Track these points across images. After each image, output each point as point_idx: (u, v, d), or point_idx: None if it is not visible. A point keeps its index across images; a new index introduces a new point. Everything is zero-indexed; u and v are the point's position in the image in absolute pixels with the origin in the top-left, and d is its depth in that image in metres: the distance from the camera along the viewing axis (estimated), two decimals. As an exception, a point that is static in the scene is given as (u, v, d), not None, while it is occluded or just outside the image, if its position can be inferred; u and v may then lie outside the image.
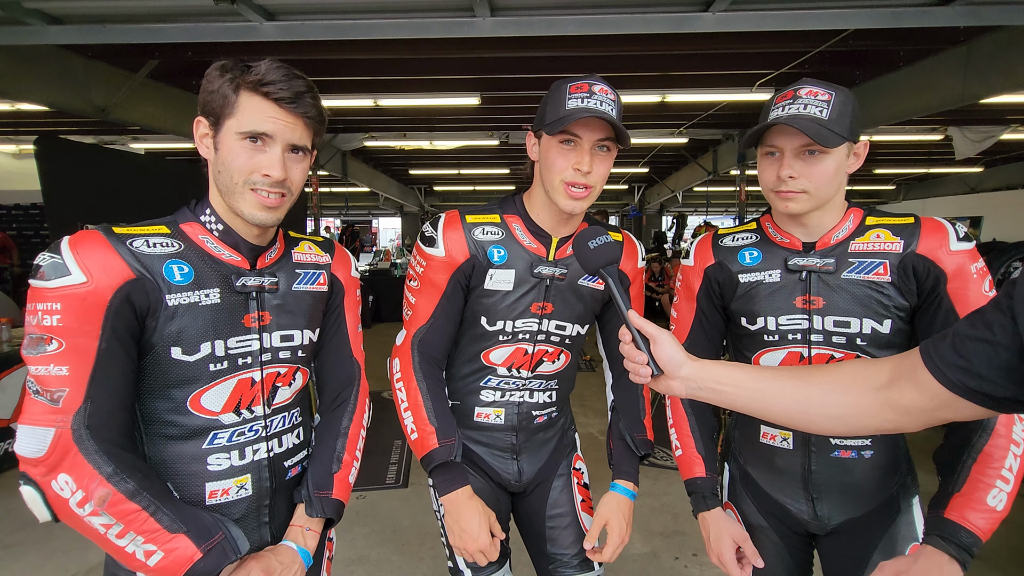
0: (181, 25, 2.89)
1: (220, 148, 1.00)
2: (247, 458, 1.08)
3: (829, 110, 1.07)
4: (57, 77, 4.50)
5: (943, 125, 7.10)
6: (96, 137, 7.58)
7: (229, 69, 0.98)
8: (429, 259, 1.28)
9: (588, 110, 1.12)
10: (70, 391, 0.89)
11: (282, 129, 0.99)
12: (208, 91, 0.99)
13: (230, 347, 1.04)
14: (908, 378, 0.78)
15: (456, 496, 1.22)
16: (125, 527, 0.89)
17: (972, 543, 1.00)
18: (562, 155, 1.17)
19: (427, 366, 1.29)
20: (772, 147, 1.13)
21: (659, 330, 0.95)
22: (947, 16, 2.65)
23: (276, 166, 0.99)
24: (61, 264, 0.90)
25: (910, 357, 0.79)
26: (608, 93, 1.16)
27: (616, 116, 1.16)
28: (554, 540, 1.41)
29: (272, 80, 0.97)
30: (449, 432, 1.23)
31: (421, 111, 6.78)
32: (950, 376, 0.72)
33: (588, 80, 1.16)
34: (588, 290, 1.34)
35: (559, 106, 1.16)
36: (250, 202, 1.00)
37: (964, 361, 0.71)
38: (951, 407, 0.74)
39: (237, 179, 0.99)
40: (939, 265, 1.10)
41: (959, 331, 0.73)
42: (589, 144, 1.17)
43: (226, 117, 0.98)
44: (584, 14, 2.80)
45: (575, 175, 1.17)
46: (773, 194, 1.15)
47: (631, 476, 1.34)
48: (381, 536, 3.01)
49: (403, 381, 1.28)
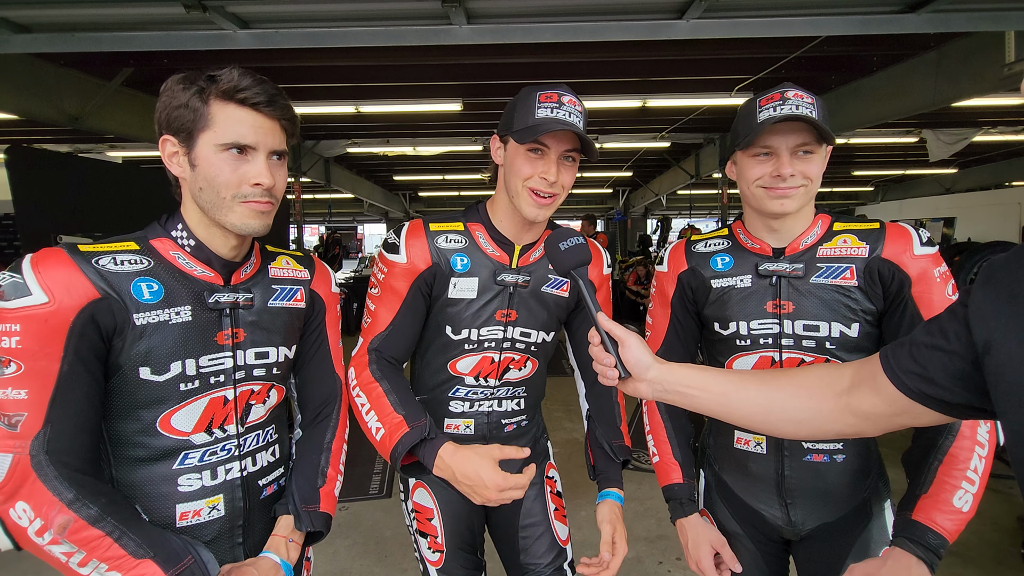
0: (153, 33, 2.85)
1: (198, 164, 0.97)
2: (219, 478, 1.06)
3: (816, 111, 1.09)
4: (27, 85, 4.42)
5: (918, 128, 7.26)
6: (72, 145, 7.46)
7: (193, 81, 0.96)
8: (391, 266, 1.26)
9: (559, 121, 1.14)
10: (29, 415, 0.87)
11: (263, 136, 0.98)
12: (173, 107, 0.96)
13: (202, 365, 1.01)
14: (868, 384, 0.79)
15: (442, 461, 1.10)
16: (88, 554, 0.87)
17: (939, 544, 1.02)
18: (529, 163, 1.18)
19: (385, 366, 1.25)
20: (766, 147, 1.13)
21: (627, 333, 0.96)
22: (915, 23, 2.71)
23: (265, 174, 0.98)
24: (22, 284, 0.87)
25: (870, 363, 0.80)
26: (576, 104, 1.18)
27: (582, 127, 1.17)
28: (527, 550, 1.41)
29: (245, 86, 0.95)
30: (418, 415, 1.15)
31: (404, 117, 6.77)
32: (907, 383, 0.73)
33: (557, 90, 1.17)
34: (552, 297, 1.34)
35: (528, 114, 1.16)
36: (240, 213, 0.98)
37: (921, 368, 0.72)
38: (909, 413, 0.75)
39: (225, 194, 0.97)
40: (903, 269, 1.12)
41: (916, 339, 0.75)
42: (556, 154, 1.18)
43: (200, 131, 0.96)
44: (560, 22, 2.81)
45: (541, 183, 1.18)
46: (765, 192, 1.14)
47: (618, 482, 1.34)
48: (364, 548, 2.98)
49: (359, 386, 1.22)
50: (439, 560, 1.36)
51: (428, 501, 1.37)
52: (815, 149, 1.12)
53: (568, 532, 1.46)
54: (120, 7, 2.61)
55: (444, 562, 1.36)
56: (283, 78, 5.10)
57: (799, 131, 1.10)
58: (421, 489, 1.38)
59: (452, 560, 1.36)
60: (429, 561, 1.37)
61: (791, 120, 1.08)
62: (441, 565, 1.36)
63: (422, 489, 1.38)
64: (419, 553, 1.39)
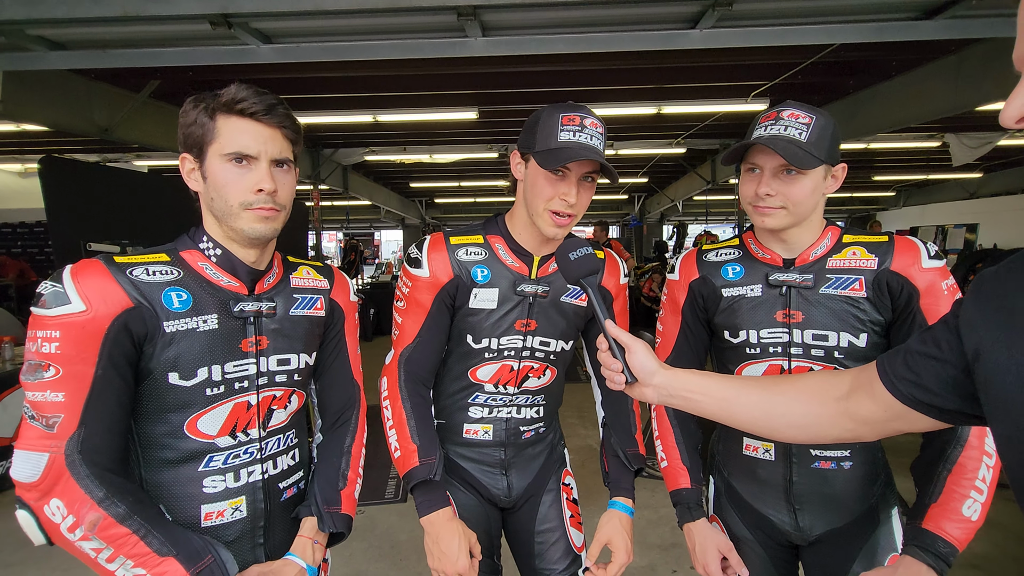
0: (180, 49, 2.95)
1: (208, 175, 1.03)
2: (242, 480, 1.10)
3: (808, 133, 1.11)
4: (60, 98, 4.58)
5: (940, 132, 7.13)
6: (100, 155, 7.67)
7: (202, 100, 1.02)
8: (415, 280, 1.31)
9: (583, 147, 1.16)
10: (65, 417, 0.92)
11: (263, 144, 1.02)
12: (186, 125, 1.03)
13: (227, 372, 1.06)
14: (865, 390, 0.81)
15: (436, 517, 1.20)
16: (115, 551, 0.91)
17: (949, 552, 1.03)
18: (550, 184, 1.20)
19: (412, 385, 1.31)
20: (753, 164, 1.17)
21: (634, 340, 1.00)
22: (931, 30, 2.70)
23: (266, 180, 1.02)
24: (62, 293, 0.93)
25: (867, 371, 0.83)
26: (597, 127, 1.19)
27: (603, 148, 1.20)
28: (542, 555, 1.43)
29: (243, 97, 1.00)
30: (431, 451, 1.23)
31: (420, 125, 6.86)
32: (902, 389, 0.76)
33: (579, 113, 1.19)
34: (571, 307, 1.36)
35: (550, 136, 1.17)
36: (247, 219, 1.03)
37: (914, 375, 0.75)
38: (904, 418, 0.78)
39: (232, 202, 1.02)
40: (912, 282, 1.14)
41: (911, 347, 0.77)
42: (577, 176, 1.20)
43: (208, 144, 1.01)
44: (574, 32, 2.85)
45: (561, 204, 1.20)
46: (752, 208, 1.19)
47: (628, 492, 1.36)
48: (379, 551, 3.02)
49: (389, 400, 1.30)
50: None
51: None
52: (801, 171, 1.13)
53: (583, 539, 1.48)
54: (149, 25, 2.71)
55: None
56: (303, 88, 5.22)
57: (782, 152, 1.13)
58: None
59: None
60: None
61: (776, 141, 1.10)
62: None
63: None
64: None
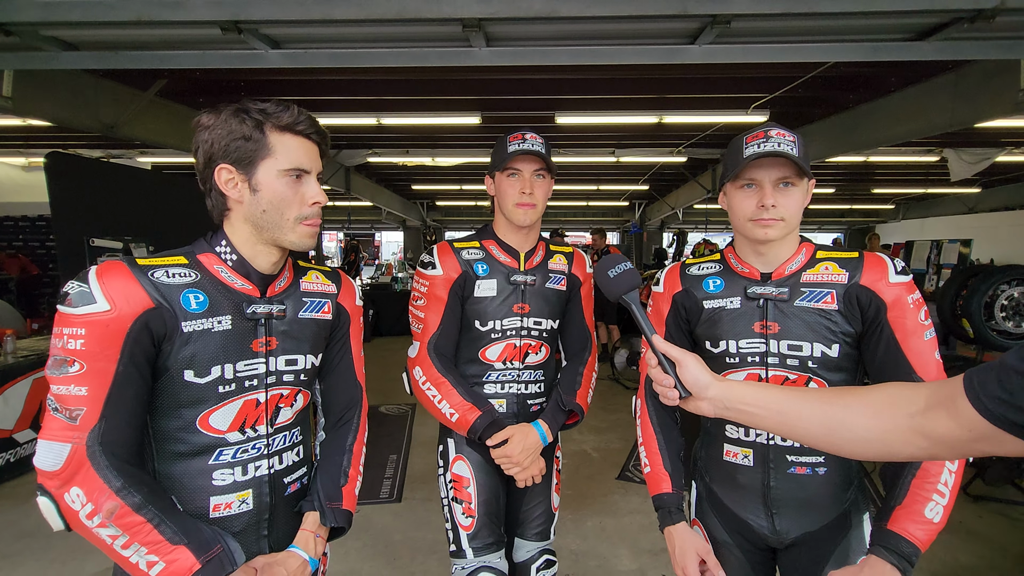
0: (190, 52, 3.01)
1: (260, 188, 1.08)
2: (249, 474, 1.16)
3: (796, 148, 1.19)
4: (67, 96, 4.62)
5: (939, 147, 7.20)
6: (103, 151, 7.72)
7: (247, 113, 1.07)
8: (431, 279, 1.63)
9: (524, 151, 1.56)
10: (87, 410, 0.98)
11: (313, 160, 1.13)
12: (233, 137, 1.06)
13: (238, 370, 1.12)
14: (945, 407, 0.75)
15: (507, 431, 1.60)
16: (130, 538, 0.97)
17: (912, 552, 1.10)
18: (511, 185, 1.61)
19: (446, 362, 1.63)
20: (750, 180, 1.23)
21: (684, 353, 0.99)
22: (925, 51, 2.75)
23: (320, 193, 1.13)
24: (88, 292, 0.98)
25: (949, 386, 0.75)
26: (537, 138, 1.58)
27: (545, 152, 1.58)
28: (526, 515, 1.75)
29: (302, 120, 1.10)
30: (483, 403, 1.59)
31: (423, 129, 6.91)
32: (991, 408, 0.69)
33: (522, 131, 1.59)
34: (553, 291, 1.72)
35: (503, 152, 1.59)
36: (300, 233, 1.12)
37: (1008, 395, 0.67)
38: (990, 439, 0.71)
39: (289, 215, 1.09)
40: (880, 296, 1.21)
41: (1007, 363, 0.69)
42: (528, 173, 1.60)
43: (261, 159, 1.07)
44: (577, 45, 2.91)
45: (522, 196, 1.60)
46: (751, 223, 1.24)
47: (552, 424, 1.65)
48: (374, 550, 3.07)
49: (430, 381, 1.60)
50: (471, 525, 1.64)
51: (466, 471, 1.68)
52: (796, 182, 1.21)
53: (559, 501, 1.82)
54: (161, 28, 2.76)
55: (475, 527, 1.64)
56: (308, 91, 5.28)
57: (780, 166, 1.20)
58: (460, 462, 1.69)
59: (482, 527, 1.64)
60: (462, 526, 1.65)
61: (773, 156, 1.17)
62: (472, 530, 1.64)
63: (461, 462, 1.69)
64: (452, 522, 1.67)
